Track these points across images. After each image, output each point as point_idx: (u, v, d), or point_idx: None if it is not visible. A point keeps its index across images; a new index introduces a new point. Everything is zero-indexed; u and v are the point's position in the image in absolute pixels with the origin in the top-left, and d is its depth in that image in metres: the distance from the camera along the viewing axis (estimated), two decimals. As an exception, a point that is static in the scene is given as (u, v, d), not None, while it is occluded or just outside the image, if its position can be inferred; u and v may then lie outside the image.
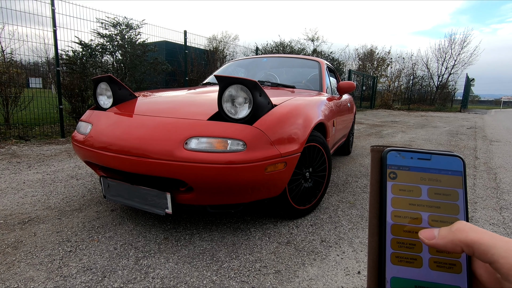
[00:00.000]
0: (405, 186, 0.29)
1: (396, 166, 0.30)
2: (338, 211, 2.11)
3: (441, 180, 0.29)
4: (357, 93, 16.31)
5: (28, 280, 1.27)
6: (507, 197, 2.56)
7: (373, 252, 0.29)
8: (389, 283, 0.28)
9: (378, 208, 0.29)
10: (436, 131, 7.34)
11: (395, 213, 0.29)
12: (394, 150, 0.30)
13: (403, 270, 0.28)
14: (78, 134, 1.84)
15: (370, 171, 0.31)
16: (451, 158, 0.29)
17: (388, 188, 0.29)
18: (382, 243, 0.29)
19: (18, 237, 1.62)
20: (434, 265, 0.27)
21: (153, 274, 1.34)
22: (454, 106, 21.70)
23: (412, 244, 0.28)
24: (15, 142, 4.07)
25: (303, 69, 3.29)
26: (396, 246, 0.28)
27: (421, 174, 0.29)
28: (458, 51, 22.52)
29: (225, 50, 10.80)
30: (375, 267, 0.29)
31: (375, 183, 0.30)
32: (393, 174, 0.29)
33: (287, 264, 1.45)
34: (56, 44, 4.54)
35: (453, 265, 0.27)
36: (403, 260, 0.28)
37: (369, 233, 0.30)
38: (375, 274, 0.28)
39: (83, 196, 2.24)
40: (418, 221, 0.28)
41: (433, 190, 0.29)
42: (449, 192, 0.28)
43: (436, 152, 0.30)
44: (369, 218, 0.30)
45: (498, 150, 4.81)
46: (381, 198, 0.29)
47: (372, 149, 0.31)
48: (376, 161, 0.30)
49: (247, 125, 1.52)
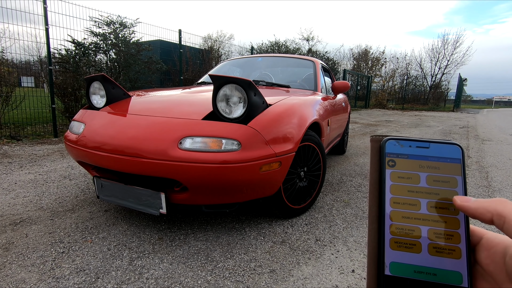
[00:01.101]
0: (404, 174, 0.29)
1: (395, 154, 0.30)
2: (332, 210, 2.12)
3: (440, 168, 0.29)
4: (351, 92, 16.40)
5: (20, 282, 1.26)
6: (499, 195, 2.59)
7: (372, 239, 0.29)
8: (388, 268, 0.28)
9: (377, 196, 0.30)
10: (430, 130, 7.42)
11: (394, 199, 0.29)
12: (392, 139, 0.30)
13: (402, 255, 0.28)
14: (71, 134, 1.82)
15: (370, 161, 0.31)
16: (450, 146, 0.29)
17: (387, 175, 0.29)
18: (381, 230, 0.29)
19: (9, 239, 1.59)
20: (433, 250, 0.27)
21: (147, 274, 1.33)
22: (447, 105, 21.97)
23: (411, 229, 0.28)
24: (6, 142, 4.01)
25: (298, 68, 3.29)
26: (395, 231, 0.28)
27: (420, 162, 0.29)
28: (451, 51, 22.84)
29: (220, 49, 10.77)
30: (375, 253, 0.29)
31: (374, 172, 0.30)
32: (392, 162, 0.30)
33: (282, 263, 1.46)
34: (48, 43, 4.47)
35: (452, 250, 0.27)
36: (402, 245, 0.28)
37: (369, 220, 0.30)
38: (374, 260, 0.29)
39: (76, 196, 2.22)
40: (416, 208, 0.29)
41: (432, 177, 0.29)
42: (448, 179, 0.29)
43: (435, 141, 0.30)
44: (369, 206, 0.30)
45: (490, 149, 4.88)
46: (380, 186, 0.30)
47: (372, 139, 0.31)
48: (375, 150, 0.31)
49: (242, 124, 1.51)
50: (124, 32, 5.96)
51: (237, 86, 1.56)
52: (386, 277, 0.28)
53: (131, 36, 6.06)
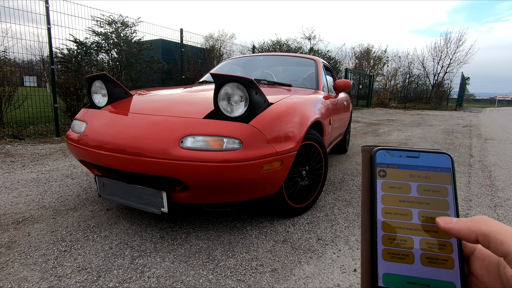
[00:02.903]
0: (395, 184, 0.30)
1: (386, 165, 0.30)
2: (334, 209, 2.11)
3: (430, 177, 0.29)
4: (353, 91, 16.35)
5: (22, 281, 1.26)
6: (502, 194, 2.58)
7: (366, 250, 0.29)
8: (382, 279, 0.27)
9: (369, 206, 0.30)
10: (432, 129, 7.39)
11: (385, 210, 0.29)
12: (383, 149, 0.31)
13: (395, 266, 0.28)
14: (72, 133, 1.82)
15: (361, 171, 0.31)
16: (439, 155, 0.30)
17: (378, 186, 0.30)
18: (373, 240, 0.29)
19: (12, 237, 1.60)
20: (426, 261, 0.27)
21: (148, 273, 1.33)
22: (449, 104, 21.85)
23: (403, 240, 0.28)
24: (9, 141, 4.02)
25: (300, 67, 3.28)
26: (388, 242, 0.28)
27: (410, 172, 0.30)
28: (453, 50, 22.67)
29: (222, 48, 10.75)
30: (368, 264, 0.29)
31: (366, 181, 0.31)
32: (382, 172, 0.30)
33: (284, 262, 1.45)
34: (50, 42, 4.48)
35: (445, 260, 0.27)
36: (395, 256, 0.28)
37: (362, 230, 0.30)
38: (368, 271, 0.28)
39: (78, 195, 2.22)
40: (408, 217, 0.28)
41: (423, 187, 0.29)
42: (439, 189, 0.29)
43: (424, 150, 0.30)
44: (361, 216, 0.30)
45: (492, 148, 4.85)
46: (372, 196, 0.30)
47: (363, 149, 0.32)
48: (366, 161, 0.31)
49: (243, 123, 1.51)
50: (126, 32, 5.97)
51: (239, 85, 1.56)
52: None
53: (133, 36, 6.07)
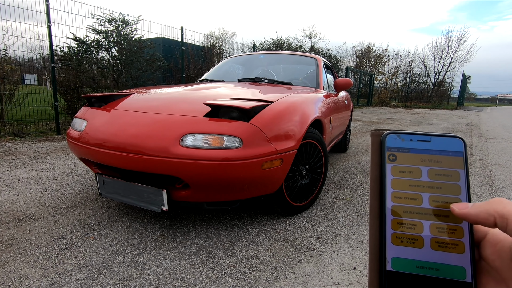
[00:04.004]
0: (405, 168, 0.29)
1: (396, 148, 0.29)
2: (334, 208, 2.12)
3: (442, 161, 0.28)
4: (354, 90, 16.32)
5: (23, 278, 1.27)
6: (502, 193, 2.58)
7: (374, 234, 0.29)
8: (390, 263, 0.27)
9: (378, 191, 0.29)
10: (433, 128, 7.38)
11: (395, 194, 0.28)
12: (393, 133, 0.30)
13: (404, 251, 0.27)
14: (73, 131, 1.82)
15: (371, 156, 0.30)
16: (451, 139, 0.29)
17: (387, 170, 0.29)
18: (382, 225, 0.28)
19: (12, 235, 1.61)
20: (436, 245, 0.27)
21: (149, 271, 1.34)
22: (450, 103, 21.80)
23: (412, 224, 0.28)
24: (9, 139, 4.03)
25: (300, 66, 3.28)
26: (397, 226, 0.28)
27: (421, 156, 0.29)
28: (454, 48, 22.61)
29: (222, 46, 10.75)
30: (376, 248, 0.28)
31: (375, 166, 0.30)
32: (392, 156, 0.29)
33: (283, 260, 1.46)
34: (50, 40, 4.48)
35: (455, 245, 0.27)
36: (404, 240, 0.27)
37: (370, 216, 0.29)
38: (376, 255, 0.28)
39: (79, 193, 2.23)
40: (418, 202, 0.28)
41: (434, 171, 0.28)
42: (450, 173, 0.28)
43: (436, 134, 0.29)
44: (370, 201, 0.30)
45: (493, 147, 4.85)
46: (381, 180, 0.29)
47: (372, 133, 0.31)
48: (376, 145, 0.30)
49: (244, 121, 1.51)
50: (126, 30, 5.96)
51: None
52: (388, 272, 0.27)
53: (133, 34, 6.07)
